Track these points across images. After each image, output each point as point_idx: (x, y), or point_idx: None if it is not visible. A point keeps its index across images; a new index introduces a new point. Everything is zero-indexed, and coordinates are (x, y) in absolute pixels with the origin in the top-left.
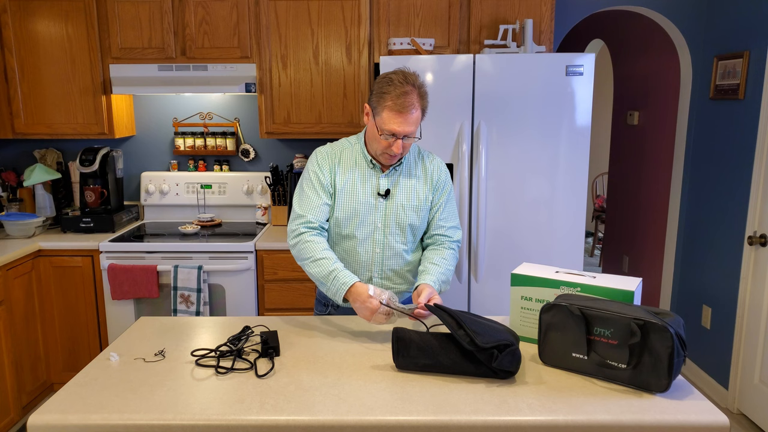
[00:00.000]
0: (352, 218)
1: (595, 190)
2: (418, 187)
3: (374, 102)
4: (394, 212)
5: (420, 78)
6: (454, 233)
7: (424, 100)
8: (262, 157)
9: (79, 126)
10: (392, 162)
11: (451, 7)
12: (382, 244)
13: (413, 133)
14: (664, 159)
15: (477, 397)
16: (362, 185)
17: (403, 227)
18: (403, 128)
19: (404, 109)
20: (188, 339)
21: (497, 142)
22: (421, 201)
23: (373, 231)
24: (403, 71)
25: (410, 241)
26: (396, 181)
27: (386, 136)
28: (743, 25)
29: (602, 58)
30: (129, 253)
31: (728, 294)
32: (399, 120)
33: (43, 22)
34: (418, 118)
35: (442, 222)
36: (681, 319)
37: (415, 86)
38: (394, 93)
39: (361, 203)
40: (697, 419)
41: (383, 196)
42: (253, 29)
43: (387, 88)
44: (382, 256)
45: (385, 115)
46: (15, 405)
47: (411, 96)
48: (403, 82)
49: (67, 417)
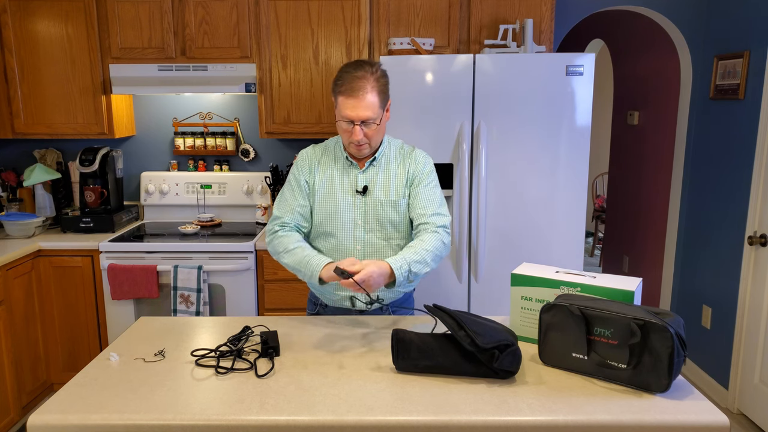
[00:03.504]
0: (332, 216)
1: (595, 190)
2: (396, 182)
3: (333, 90)
4: (372, 208)
5: (379, 65)
6: (437, 219)
7: (380, 83)
8: (262, 157)
9: (79, 126)
10: (362, 153)
11: (451, 7)
12: (363, 241)
13: (371, 118)
14: (664, 159)
15: (477, 397)
16: (341, 183)
17: (383, 223)
18: (357, 113)
19: (355, 92)
20: (188, 339)
21: (497, 142)
22: (399, 196)
23: (353, 228)
24: (361, 59)
25: (393, 237)
26: (374, 177)
27: (345, 124)
28: (743, 25)
29: (602, 58)
30: (129, 253)
31: (728, 294)
32: (351, 104)
33: (43, 22)
34: (372, 102)
35: (422, 210)
36: (681, 319)
37: (370, 72)
38: (346, 78)
39: (340, 201)
40: (697, 419)
41: (361, 193)
42: (253, 29)
43: (341, 75)
44: (364, 253)
45: (340, 101)
46: (15, 405)
47: (363, 80)
48: (356, 68)
49: (67, 417)
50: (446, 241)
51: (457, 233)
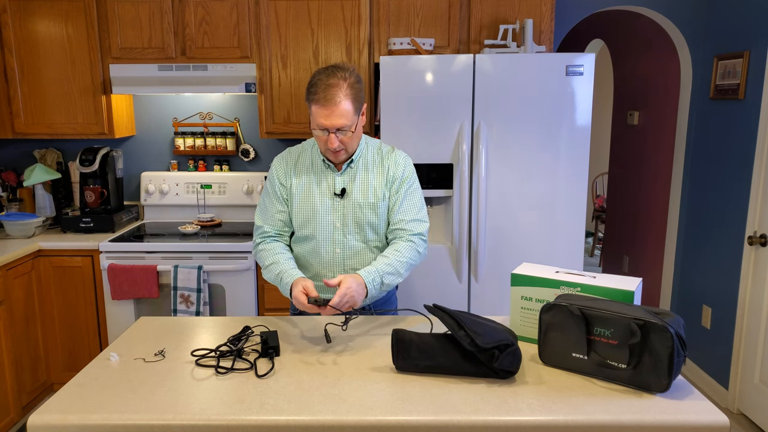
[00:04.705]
0: (310, 219)
1: (595, 190)
2: (375, 184)
3: (307, 98)
4: (351, 211)
5: (352, 70)
6: (414, 226)
7: (354, 90)
8: (262, 157)
9: (79, 126)
10: (339, 159)
11: (451, 7)
12: (342, 243)
13: (346, 126)
14: (664, 159)
15: (477, 397)
16: (318, 186)
17: (362, 226)
18: (331, 121)
19: (328, 102)
20: (188, 339)
21: (497, 142)
22: (378, 198)
23: (332, 231)
24: (335, 65)
25: (372, 239)
26: (352, 179)
27: (319, 132)
28: (743, 25)
29: (602, 58)
30: (129, 253)
31: (728, 294)
32: (325, 113)
33: (43, 22)
34: (346, 110)
35: (401, 215)
36: (681, 319)
37: (343, 78)
38: (320, 86)
39: (318, 204)
40: (697, 419)
41: (339, 196)
42: (253, 29)
43: (314, 82)
44: (343, 256)
45: (314, 109)
46: (15, 405)
47: (336, 89)
48: (329, 76)
49: (67, 417)
50: (421, 250)
51: (457, 233)
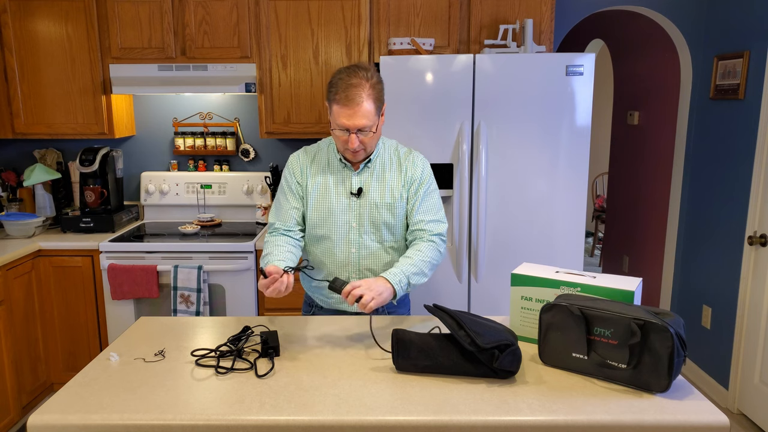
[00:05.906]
0: (326, 219)
1: (595, 190)
2: (392, 185)
3: (327, 98)
4: (367, 211)
5: (374, 70)
6: (434, 227)
7: (376, 90)
8: (262, 157)
9: (79, 126)
10: (358, 159)
11: (451, 7)
12: (358, 243)
13: (367, 126)
14: (664, 159)
15: (477, 397)
16: (335, 185)
17: (378, 226)
18: (353, 122)
19: (350, 102)
20: (188, 339)
21: (497, 142)
22: (395, 198)
23: (348, 231)
24: (356, 64)
25: (387, 239)
26: (369, 179)
27: (339, 131)
28: (743, 25)
29: (602, 58)
30: (129, 253)
31: (728, 294)
32: (347, 113)
33: (43, 22)
34: (368, 111)
35: (420, 216)
36: (681, 319)
37: (365, 78)
38: (341, 86)
39: (335, 203)
40: (697, 419)
41: (356, 195)
42: (253, 29)
43: (336, 82)
44: (358, 256)
45: (335, 109)
46: (15, 405)
47: (358, 89)
48: (351, 75)
49: (67, 417)
50: (442, 250)
51: (457, 233)
